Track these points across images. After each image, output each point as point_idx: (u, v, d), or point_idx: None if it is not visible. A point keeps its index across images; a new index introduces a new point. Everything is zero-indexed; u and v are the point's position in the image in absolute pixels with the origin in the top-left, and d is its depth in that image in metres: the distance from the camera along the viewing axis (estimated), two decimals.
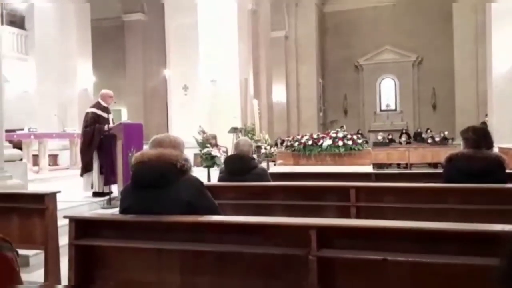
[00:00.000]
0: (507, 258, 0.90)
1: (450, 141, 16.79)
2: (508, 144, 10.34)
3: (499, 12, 11.87)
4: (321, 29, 23.29)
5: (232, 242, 2.09)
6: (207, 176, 7.68)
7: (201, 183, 2.40)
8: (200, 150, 7.91)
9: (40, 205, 3.44)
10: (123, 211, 2.39)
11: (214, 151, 7.66)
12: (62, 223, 3.25)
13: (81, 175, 6.64)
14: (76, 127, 11.33)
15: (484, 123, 13.67)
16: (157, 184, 2.29)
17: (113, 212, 4.54)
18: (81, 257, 2.32)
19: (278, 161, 10.19)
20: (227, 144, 11.14)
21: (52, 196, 3.47)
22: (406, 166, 15.27)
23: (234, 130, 11.43)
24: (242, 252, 2.06)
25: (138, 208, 2.31)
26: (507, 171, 3.42)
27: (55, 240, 3.44)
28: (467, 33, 19.23)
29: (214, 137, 10.60)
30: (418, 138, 18.66)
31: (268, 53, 18.19)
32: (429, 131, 18.68)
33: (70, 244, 2.31)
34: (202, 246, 2.13)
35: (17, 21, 15.01)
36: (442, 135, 16.88)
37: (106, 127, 6.32)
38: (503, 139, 10.35)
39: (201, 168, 8.06)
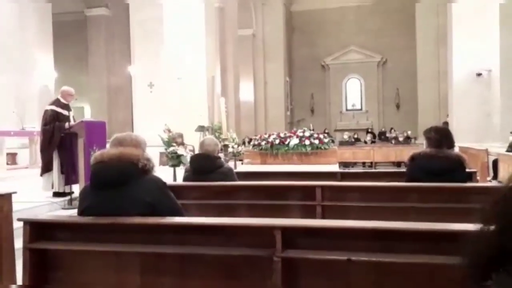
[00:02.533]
0: (467, 257, 0.91)
1: (413, 141, 17.24)
2: (467, 143, 10.70)
3: (459, 15, 12.27)
4: (288, 28, 23.42)
5: (194, 243, 2.04)
6: (173, 175, 7.55)
7: (164, 183, 2.34)
8: (166, 149, 7.77)
9: None
10: (81, 212, 2.30)
11: (180, 150, 7.54)
12: (19, 225, 3.10)
13: (41, 175, 6.40)
14: (36, 125, 10.90)
15: (446, 123, 14.10)
16: (117, 184, 2.21)
17: (74, 212, 4.38)
18: (36, 261, 2.21)
19: (246, 160, 10.15)
20: (194, 142, 11.01)
21: (7, 196, 3.30)
22: (371, 164, 15.56)
23: (201, 128, 11.32)
24: (205, 253, 2.02)
25: (98, 209, 2.22)
26: (467, 170, 3.51)
27: (10, 243, 3.28)
28: (429, 35, 19.82)
29: (181, 136, 10.45)
30: (382, 137, 19.06)
31: (236, 51, 18.12)
32: (393, 130, 19.11)
33: (24, 248, 2.20)
34: (163, 248, 2.07)
35: None
36: (405, 134, 17.29)
37: (66, 124, 6.11)
38: (463, 139, 10.71)
39: (167, 167, 7.92)
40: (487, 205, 0.89)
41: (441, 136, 3.36)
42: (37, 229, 2.22)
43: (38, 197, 6.15)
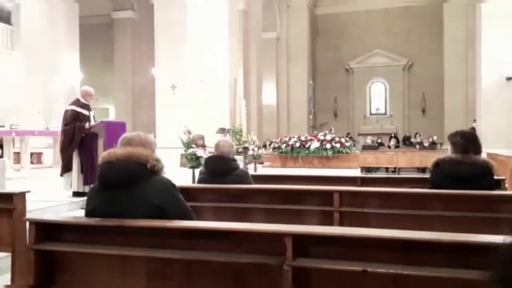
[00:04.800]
0: (497, 272, 0.80)
1: (438, 146, 16.80)
2: (496, 149, 10.32)
3: (489, 17, 11.89)
4: (312, 31, 23.25)
5: (201, 249, 1.95)
6: (192, 176, 7.51)
7: (173, 185, 2.25)
8: (185, 150, 7.75)
9: (8, 205, 3.26)
10: (88, 213, 2.24)
11: (199, 152, 7.50)
12: None
13: (61, 175, 6.43)
14: (60, 125, 11.05)
15: (473, 129, 13.68)
16: (125, 185, 2.14)
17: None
18: (42, 263, 2.16)
19: (266, 163, 10.06)
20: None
21: (21, 195, 3.29)
22: (395, 170, 15.22)
23: (222, 130, 11.28)
24: (212, 260, 1.92)
25: (104, 210, 2.16)
26: (495, 177, 3.32)
27: (23, 242, 3.25)
28: (457, 38, 19.35)
29: (202, 138, 10.43)
30: (407, 142, 18.65)
31: (259, 54, 18.07)
32: (418, 135, 18.68)
33: (29, 249, 2.15)
34: (170, 253, 1.99)
35: (3, 16, 14.70)
36: (431, 139, 16.87)
37: (87, 125, 6.13)
38: (491, 145, 10.33)
39: (187, 168, 7.90)
40: None
41: (467, 141, 3.18)
42: (43, 230, 2.17)
43: (57, 196, 6.19)
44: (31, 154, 10.42)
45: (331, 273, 1.78)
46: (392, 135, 19.30)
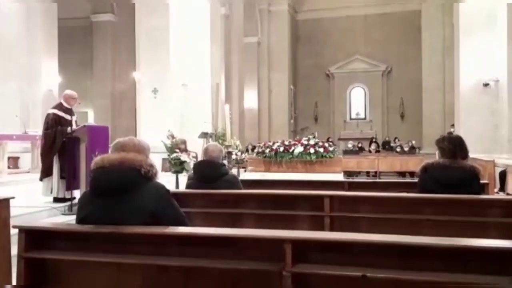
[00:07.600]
0: None
1: (417, 150, 17.09)
2: (474, 154, 10.54)
3: (466, 25, 12.19)
4: (293, 36, 23.40)
5: (199, 256, 1.92)
6: (176, 182, 7.43)
7: (167, 190, 2.22)
8: (169, 155, 7.66)
9: None
10: (80, 220, 2.18)
11: (183, 156, 7.42)
12: (17, 231, 2.99)
13: (41, 179, 6.28)
14: (39, 129, 10.82)
15: (450, 133, 13.95)
16: (118, 191, 2.10)
17: (74, 219, 4.26)
18: (31, 271, 2.10)
19: (249, 168, 10.04)
20: (197, 149, 10.90)
21: (5, 202, 3.20)
22: (375, 174, 15.40)
23: (204, 135, 11.21)
24: (210, 267, 1.90)
25: (97, 217, 2.11)
26: (481, 182, 3.38)
27: (6, 250, 3.17)
28: (435, 45, 19.83)
29: (184, 142, 10.35)
30: (386, 146, 18.90)
31: (241, 58, 18.07)
32: (397, 140, 18.96)
33: (19, 257, 2.09)
34: (166, 260, 1.95)
35: None
36: (410, 144, 17.14)
37: (69, 129, 6.01)
38: (470, 150, 10.54)
39: (170, 173, 7.81)
40: None
41: (454, 146, 3.24)
42: (33, 237, 2.11)
43: (38, 202, 6.04)
44: (8, 158, 10.16)
45: (331, 278, 1.77)
46: (372, 139, 19.55)
